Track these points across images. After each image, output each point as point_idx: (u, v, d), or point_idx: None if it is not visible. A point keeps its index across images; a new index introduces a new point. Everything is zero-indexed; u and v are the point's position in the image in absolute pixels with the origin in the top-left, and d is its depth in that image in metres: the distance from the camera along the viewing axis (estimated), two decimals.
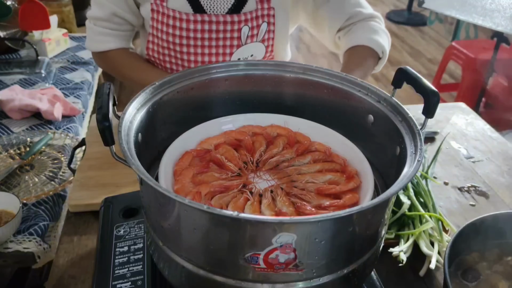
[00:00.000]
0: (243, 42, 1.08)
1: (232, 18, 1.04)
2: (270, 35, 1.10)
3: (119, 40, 1.15)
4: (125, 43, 1.18)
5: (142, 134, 0.66)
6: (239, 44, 1.07)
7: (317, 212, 0.62)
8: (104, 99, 0.59)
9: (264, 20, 1.08)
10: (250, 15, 1.06)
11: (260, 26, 1.08)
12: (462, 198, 1.01)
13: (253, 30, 1.07)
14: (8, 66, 1.73)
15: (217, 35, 1.06)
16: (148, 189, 0.59)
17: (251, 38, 1.08)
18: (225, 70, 0.78)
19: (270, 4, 1.07)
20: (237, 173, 0.70)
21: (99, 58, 1.20)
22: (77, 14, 2.20)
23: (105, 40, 1.14)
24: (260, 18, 1.07)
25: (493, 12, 2.12)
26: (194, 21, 1.03)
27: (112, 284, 0.68)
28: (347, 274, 0.58)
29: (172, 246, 0.59)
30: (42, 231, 1.00)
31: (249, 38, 1.08)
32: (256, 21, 1.07)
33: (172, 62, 1.11)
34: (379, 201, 0.52)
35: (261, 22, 1.07)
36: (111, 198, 0.85)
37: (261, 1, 1.07)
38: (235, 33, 1.06)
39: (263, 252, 0.51)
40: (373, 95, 0.72)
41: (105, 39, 1.13)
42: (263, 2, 1.07)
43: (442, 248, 0.80)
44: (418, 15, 4.75)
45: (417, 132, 0.62)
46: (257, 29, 1.07)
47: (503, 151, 1.19)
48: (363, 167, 0.69)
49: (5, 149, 1.24)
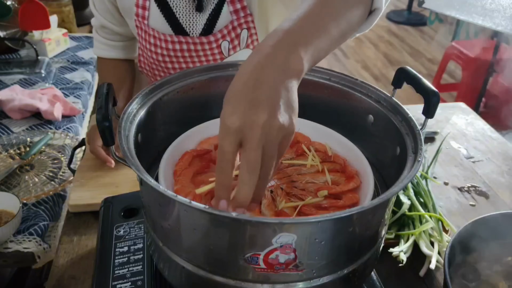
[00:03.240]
0: (225, 54, 1.04)
1: (208, 38, 1.00)
2: (253, 38, 1.04)
3: (113, 49, 1.18)
4: (120, 53, 1.19)
5: (142, 134, 0.66)
6: (222, 57, 1.04)
7: (317, 212, 0.63)
8: (103, 99, 0.59)
9: (243, 28, 1.01)
10: (226, 30, 1.00)
11: (239, 35, 1.01)
12: (462, 198, 1.01)
13: (233, 41, 1.02)
14: (8, 66, 1.73)
15: (197, 54, 1.03)
16: (148, 189, 0.59)
17: (233, 49, 1.03)
18: (225, 70, 0.78)
19: (246, 11, 0.99)
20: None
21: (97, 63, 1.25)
22: (77, 14, 2.20)
23: (101, 48, 1.18)
24: (237, 28, 1.00)
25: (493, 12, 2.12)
26: (172, 41, 1.01)
27: (112, 284, 0.68)
28: (347, 274, 0.58)
29: (172, 246, 0.59)
30: (42, 231, 1.00)
31: (231, 50, 1.03)
32: (234, 32, 1.01)
33: (161, 75, 1.11)
34: (379, 201, 0.52)
35: (239, 31, 1.01)
36: (111, 198, 0.85)
37: (236, 11, 0.98)
38: (215, 49, 1.02)
39: (263, 252, 0.51)
40: (373, 95, 0.72)
41: (101, 47, 1.18)
42: (238, 11, 0.98)
43: (442, 248, 0.80)
44: (418, 15, 4.75)
45: (417, 132, 0.62)
46: (237, 39, 1.02)
47: (503, 151, 1.19)
48: (363, 167, 0.69)
49: (5, 149, 1.24)
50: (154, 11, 1.00)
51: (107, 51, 1.18)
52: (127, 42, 1.19)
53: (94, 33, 1.18)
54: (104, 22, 1.12)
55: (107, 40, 1.16)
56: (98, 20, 1.13)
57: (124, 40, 1.18)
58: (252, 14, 0.99)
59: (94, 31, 1.18)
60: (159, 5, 0.99)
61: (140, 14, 1.01)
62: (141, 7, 1.00)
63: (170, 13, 0.99)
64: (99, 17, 1.11)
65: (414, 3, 4.72)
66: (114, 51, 1.18)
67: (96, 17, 1.12)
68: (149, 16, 1.01)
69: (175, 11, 0.99)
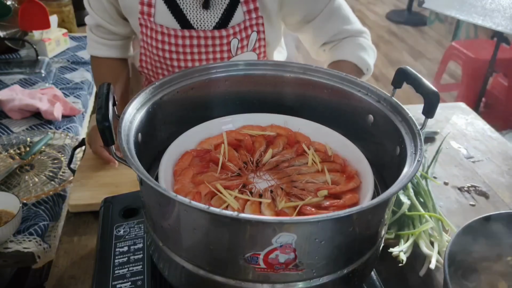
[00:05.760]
0: (233, 53, 1.05)
1: (220, 33, 1.02)
2: (261, 43, 1.07)
3: (108, 49, 1.17)
4: (115, 52, 1.19)
5: (142, 134, 0.66)
6: (230, 56, 1.06)
7: (317, 212, 0.63)
8: (103, 99, 0.59)
9: (254, 30, 1.04)
10: (238, 27, 1.03)
11: (249, 36, 1.05)
12: (462, 198, 1.01)
13: (243, 41, 1.04)
14: (8, 66, 1.73)
15: (206, 49, 1.04)
16: (148, 189, 0.59)
17: (241, 49, 1.06)
18: (225, 70, 0.78)
19: (258, 13, 1.03)
20: (237, 173, 0.70)
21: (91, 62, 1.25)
22: (77, 14, 2.20)
23: (96, 47, 1.18)
24: (249, 28, 1.04)
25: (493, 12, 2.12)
26: (182, 36, 1.02)
27: (112, 284, 0.68)
28: (347, 274, 0.58)
29: (172, 246, 0.59)
30: (42, 231, 1.00)
31: (239, 49, 1.05)
32: (245, 32, 1.04)
33: (164, 74, 1.11)
34: (379, 201, 0.52)
35: (250, 32, 1.04)
36: (111, 198, 0.85)
37: (249, 11, 1.02)
38: (225, 46, 1.04)
39: (263, 252, 0.51)
40: (373, 95, 0.72)
41: (96, 46, 1.18)
42: (250, 12, 1.02)
43: (442, 248, 0.80)
44: (418, 15, 4.75)
45: (417, 132, 0.62)
46: (247, 39, 1.05)
47: (503, 151, 1.19)
48: (363, 167, 0.69)
49: (5, 149, 1.24)
50: (160, 8, 1.01)
51: (102, 50, 1.17)
52: (122, 41, 1.18)
53: (88, 32, 1.17)
54: (100, 21, 1.11)
55: (102, 39, 1.16)
56: (94, 19, 1.12)
57: (119, 39, 1.17)
58: (262, 17, 1.02)
59: (88, 30, 1.17)
60: (166, 2, 1.00)
61: (145, 12, 1.01)
62: (146, 5, 1.00)
63: (178, 9, 1.00)
64: (94, 16, 1.11)
65: (414, 3, 4.71)
66: (109, 50, 1.18)
67: (92, 16, 1.12)
68: (155, 13, 1.01)
69: (182, 7, 1.00)
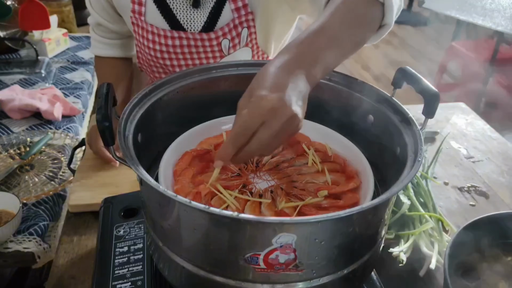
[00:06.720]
0: (225, 53, 1.03)
1: (209, 35, 0.99)
2: (253, 36, 1.04)
3: (110, 48, 1.18)
4: (118, 51, 1.19)
5: (142, 134, 0.66)
6: (222, 55, 1.04)
7: (317, 213, 0.62)
8: (103, 99, 0.59)
9: (244, 26, 1.00)
10: (227, 28, 0.99)
11: (240, 34, 1.01)
12: (462, 198, 1.01)
13: (234, 40, 1.01)
14: (8, 66, 1.73)
15: (197, 50, 1.02)
16: (148, 189, 0.59)
17: (233, 47, 1.03)
18: (225, 70, 0.78)
19: (247, 10, 0.98)
20: (237, 173, 0.70)
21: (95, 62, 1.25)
22: (77, 14, 2.20)
23: (98, 46, 1.18)
24: (239, 26, 1.00)
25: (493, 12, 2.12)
26: (172, 37, 1.00)
27: (112, 284, 0.68)
28: (347, 274, 0.58)
29: (172, 246, 0.59)
30: (42, 231, 1.00)
31: (231, 48, 1.03)
32: (236, 31, 1.00)
33: (160, 71, 1.10)
34: (379, 201, 0.52)
35: (240, 29, 1.00)
36: (111, 198, 0.85)
37: (237, 9, 0.98)
38: (215, 47, 1.02)
39: (263, 252, 0.51)
40: (373, 95, 0.72)
41: (98, 45, 1.18)
42: (239, 10, 0.98)
43: (442, 248, 0.80)
44: (418, 15, 4.75)
45: (417, 132, 0.62)
46: (238, 37, 1.01)
47: (503, 151, 1.19)
48: (363, 167, 0.69)
49: (5, 149, 1.24)
50: (150, 7, 1.00)
51: (104, 50, 1.18)
52: (124, 40, 1.18)
53: (91, 32, 1.18)
54: (100, 20, 1.12)
55: (103, 38, 1.16)
56: (94, 18, 1.13)
57: (120, 38, 1.17)
58: (252, 12, 0.99)
59: (91, 30, 1.18)
60: (155, 1, 0.99)
61: (136, 10, 1.01)
62: (137, 3, 1.00)
63: (167, 9, 0.99)
64: (95, 15, 1.11)
65: (414, 3, 4.72)
66: (111, 50, 1.18)
67: (92, 15, 1.13)
68: (145, 12, 1.01)
69: (172, 7, 0.99)
